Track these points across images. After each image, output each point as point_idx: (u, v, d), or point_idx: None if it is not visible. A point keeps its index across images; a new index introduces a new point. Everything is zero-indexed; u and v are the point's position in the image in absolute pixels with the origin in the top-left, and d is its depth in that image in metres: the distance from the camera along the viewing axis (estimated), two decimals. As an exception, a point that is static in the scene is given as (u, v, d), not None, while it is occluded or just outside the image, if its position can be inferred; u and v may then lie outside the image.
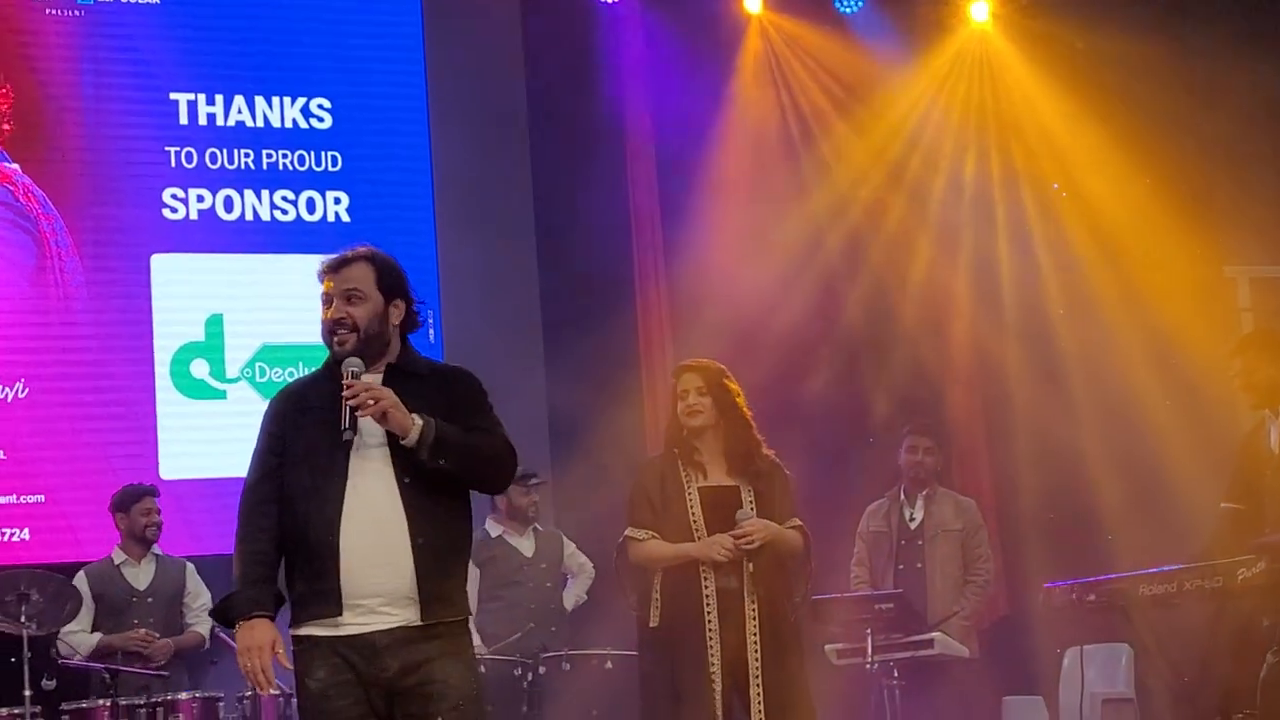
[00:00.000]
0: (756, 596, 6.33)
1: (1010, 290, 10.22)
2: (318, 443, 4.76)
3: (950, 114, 10.55)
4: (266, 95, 10.31)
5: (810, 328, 9.95)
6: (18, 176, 9.71)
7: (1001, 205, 10.36)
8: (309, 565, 4.73)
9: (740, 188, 10.23)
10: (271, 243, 10.15)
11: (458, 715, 4.69)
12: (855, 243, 10.36)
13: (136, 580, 8.54)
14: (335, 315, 4.82)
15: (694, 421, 6.49)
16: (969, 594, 8.21)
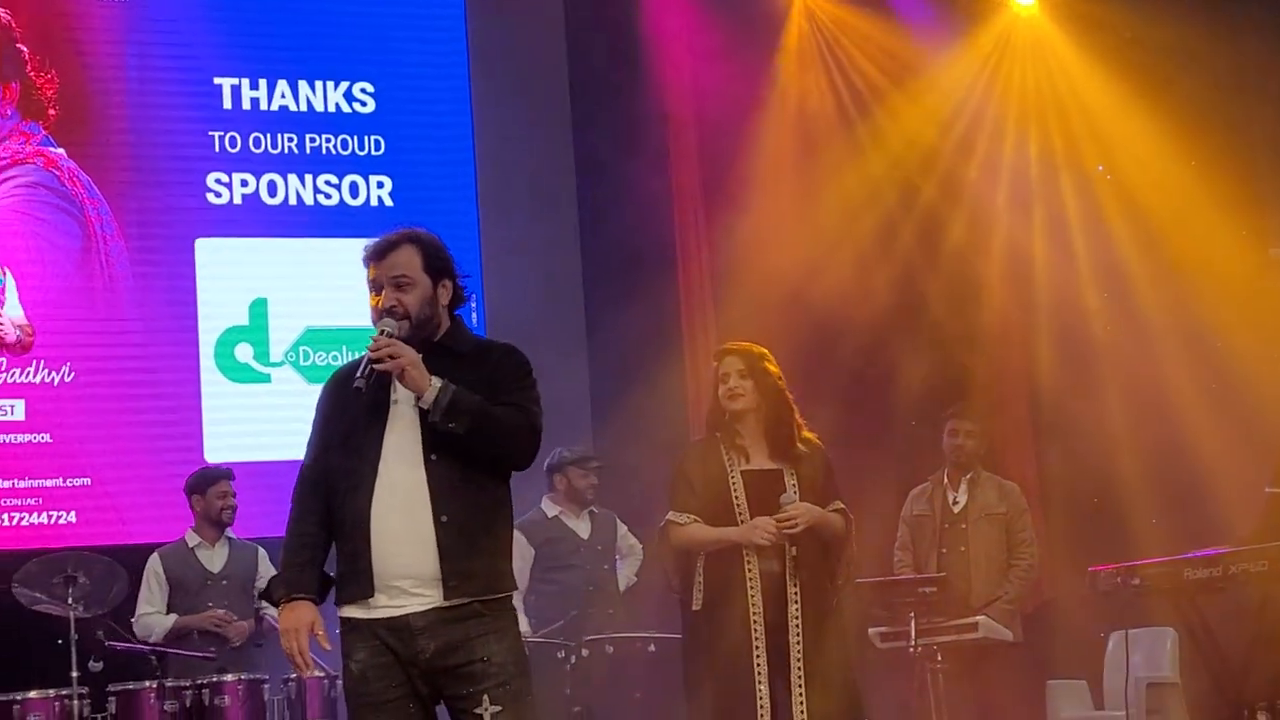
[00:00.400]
0: (799, 580, 6.33)
1: (1050, 274, 10.16)
2: (357, 424, 4.77)
3: (992, 96, 10.49)
4: (310, 79, 10.35)
5: (853, 308, 9.90)
6: (63, 161, 9.76)
7: (1041, 188, 10.30)
8: (345, 546, 4.75)
9: (782, 167, 10.20)
10: (315, 226, 10.19)
11: (504, 693, 4.66)
12: (897, 223, 10.32)
13: (210, 563, 8.56)
14: (386, 303, 4.79)
15: (735, 405, 6.49)
16: (1013, 578, 8.19)
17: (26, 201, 9.68)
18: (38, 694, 7.72)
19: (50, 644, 8.36)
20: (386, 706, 4.69)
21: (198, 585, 8.46)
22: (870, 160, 10.40)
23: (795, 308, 9.45)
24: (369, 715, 4.71)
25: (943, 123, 10.47)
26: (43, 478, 9.51)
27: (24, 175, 9.68)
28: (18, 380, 9.51)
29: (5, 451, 9.46)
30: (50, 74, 9.78)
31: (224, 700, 7.92)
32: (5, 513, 9.42)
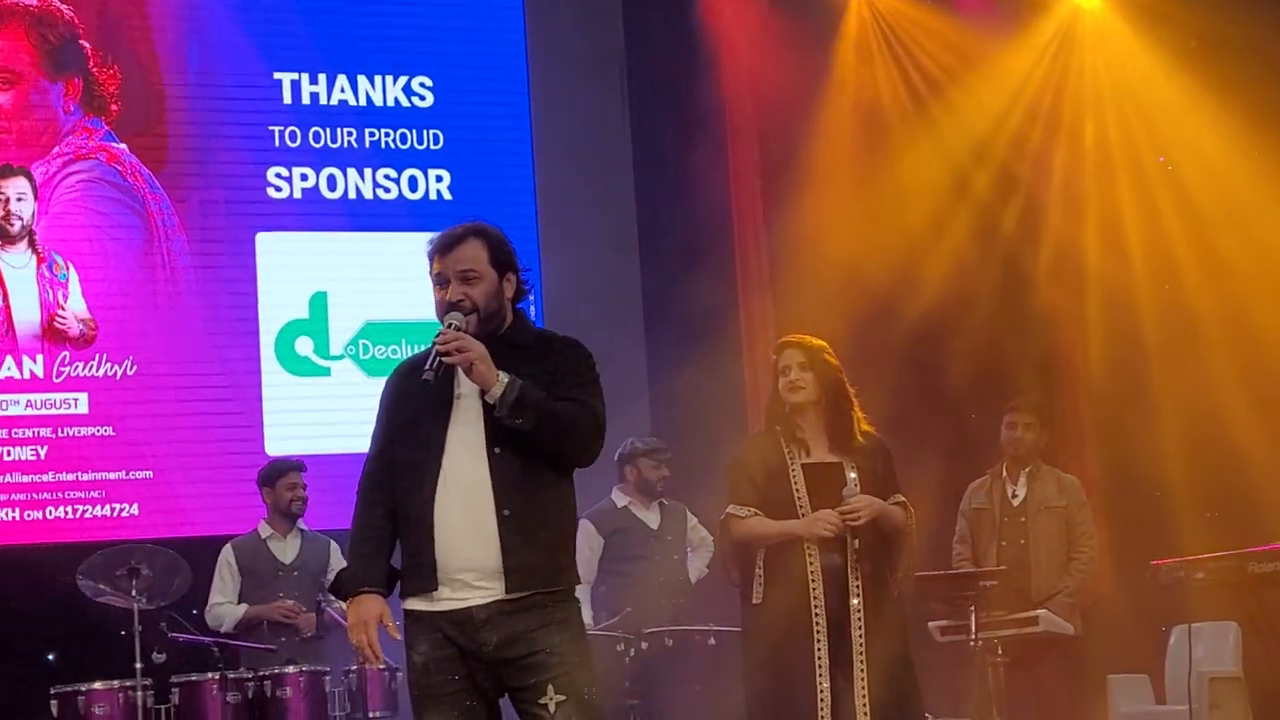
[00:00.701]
0: (860, 572, 6.32)
1: (1107, 272, 10.09)
2: (421, 418, 4.78)
3: (1051, 88, 10.43)
4: (369, 74, 10.39)
5: (911, 299, 9.87)
6: (125, 156, 9.83)
7: (1098, 182, 10.23)
8: (410, 540, 4.76)
9: (841, 158, 10.17)
10: (374, 221, 10.24)
11: (568, 683, 4.66)
12: (956, 214, 10.27)
13: (282, 554, 8.62)
14: (453, 297, 4.78)
15: (795, 398, 6.47)
16: (1073, 571, 8.14)
17: (89, 196, 9.76)
18: (102, 685, 7.78)
19: (114, 635, 8.44)
20: (447, 699, 4.71)
21: (269, 576, 8.52)
22: (929, 151, 10.35)
23: (854, 299, 9.42)
24: (430, 707, 4.72)
25: (1002, 114, 10.41)
26: (105, 470, 9.59)
27: (87, 170, 9.76)
28: (81, 374, 9.58)
29: (69, 445, 9.53)
30: (112, 70, 9.85)
31: (285, 692, 7.97)
32: (69, 505, 9.50)
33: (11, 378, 9.49)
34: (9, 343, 9.49)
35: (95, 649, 8.68)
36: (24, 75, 9.72)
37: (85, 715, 7.72)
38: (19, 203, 9.56)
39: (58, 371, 9.56)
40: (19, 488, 9.45)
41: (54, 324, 9.56)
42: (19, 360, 9.50)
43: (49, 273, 9.58)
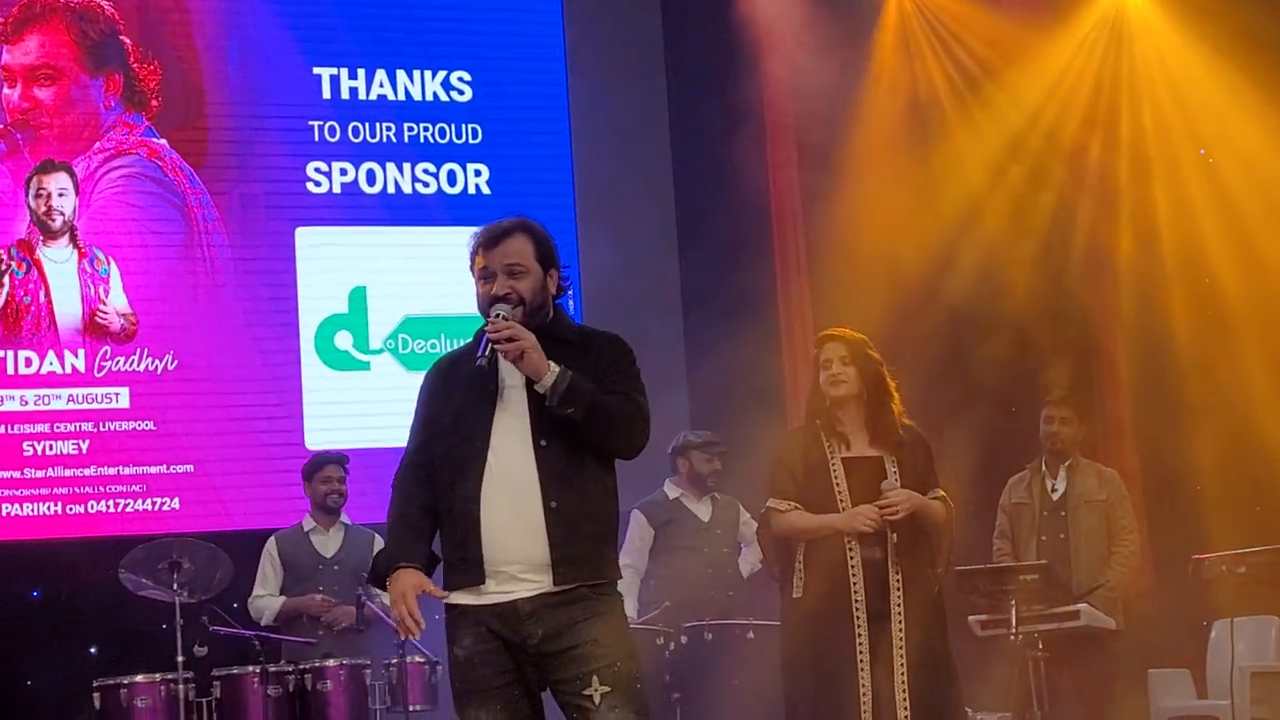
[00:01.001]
0: (900, 567, 6.31)
1: (1144, 266, 10.03)
2: (464, 412, 4.76)
3: (1090, 80, 10.37)
4: (407, 69, 10.42)
5: (950, 294, 9.85)
6: (165, 152, 9.88)
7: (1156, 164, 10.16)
8: (454, 533, 4.74)
9: (878, 153, 10.14)
10: (413, 215, 10.27)
11: (613, 674, 4.64)
12: (996, 208, 10.23)
13: (324, 548, 8.63)
14: (499, 291, 4.76)
15: (837, 391, 6.46)
16: (1114, 565, 8.11)
17: (130, 192, 9.81)
18: (144, 678, 7.81)
19: (155, 629, 8.48)
20: (492, 693, 4.69)
21: (310, 569, 8.54)
22: (968, 143, 10.32)
23: (892, 292, 9.41)
24: (474, 701, 4.70)
25: (1041, 107, 10.37)
26: (146, 465, 9.64)
27: (127, 166, 9.80)
28: (122, 369, 9.63)
29: (110, 439, 9.58)
30: (153, 65, 9.90)
31: (326, 685, 8.00)
32: (110, 499, 9.55)
33: (54, 372, 9.54)
34: (51, 337, 9.54)
35: (137, 642, 8.74)
36: (65, 71, 9.77)
37: (127, 708, 7.76)
38: (60, 198, 9.61)
39: (99, 366, 9.61)
40: (61, 482, 9.50)
41: (95, 319, 9.61)
42: (61, 355, 9.55)
43: (90, 268, 9.63)
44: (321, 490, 8.61)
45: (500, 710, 4.69)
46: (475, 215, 10.14)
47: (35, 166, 9.61)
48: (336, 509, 8.65)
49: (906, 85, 10.46)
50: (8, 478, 9.42)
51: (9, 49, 9.67)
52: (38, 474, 9.48)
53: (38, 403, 9.51)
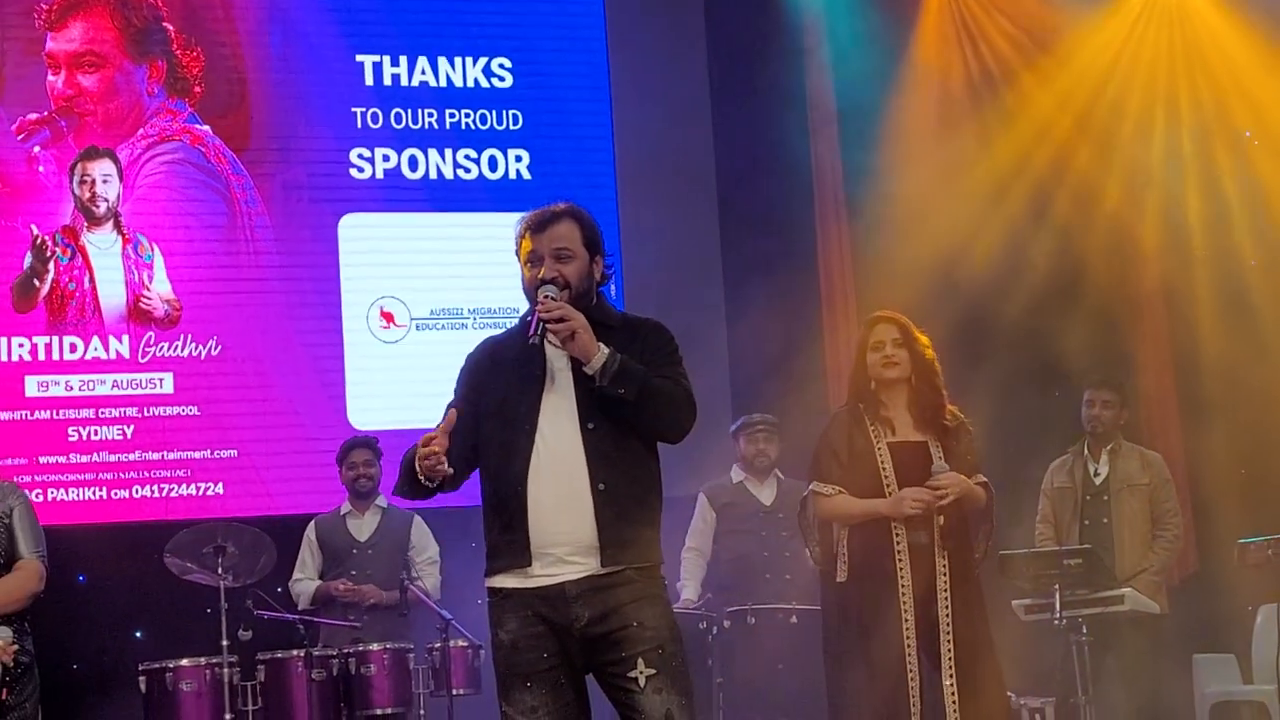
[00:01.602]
0: (946, 551, 6.29)
1: (1201, 241, 9.98)
2: (510, 395, 4.76)
3: (1139, 61, 10.31)
4: (449, 56, 10.43)
5: (995, 278, 9.82)
6: (209, 138, 9.91)
7: (1191, 154, 10.10)
8: (500, 516, 4.74)
9: (923, 137, 10.11)
10: (455, 201, 10.28)
11: (658, 657, 4.65)
12: (1041, 191, 10.19)
13: (358, 532, 8.67)
14: (548, 274, 4.78)
15: (890, 373, 6.43)
16: (1158, 549, 8.07)
17: (173, 178, 9.84)
18: (189, 662, 7.86)
19: (200, 613, 8.52)
20: (537, 676, 4.68)
21: (345, 553, 8.59)
22: (1010, 121, 10.27)
23: (938, 276, 9.38)
24: (518, 685, 4.69)
25: (1072, 89, 10.31)
26: (191, 450, 9.68)
27: (171, 152, 9.84)
28: (166, 354, 9.67)
29: (154, 424, 9.63)
30: (195, 52, 9.93)
31: (370, 669, 8.03)
32: (155, 484, 9.59)
33: (98, 358, 9.59)
34: (95, 323, 9.59)
35: (182, 626, 8.77)
36: (109, 58, 9.81)
37: (173, 691, 7.80)
38: (105, 184, 9.65)
39: (143, 352, 9.66)
40: (106, 467, 9.56)
41: (139, 305, 9.66)
42: (105, 341, 9.60)
43: (134, 254, 9.67)
44: (349, 475, 8.65)
45: (546, 694, 4.68)
46: (516, 201, 10.17)
47: (79, 153, 9.66)
48: (367, 493, 8.66)
49: (951, 67, 10.41)
50: (53, 463, 9.48)
51: (53, 36, 9.72)
52: (83, 459, 9.53)
53: (83, 388, 9.56)
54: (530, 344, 4.67)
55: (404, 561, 8.51)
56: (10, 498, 6.12)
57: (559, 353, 4.75)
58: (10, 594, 5.99)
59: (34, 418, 9.49)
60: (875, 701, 6.22)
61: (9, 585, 6.00)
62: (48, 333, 9.53)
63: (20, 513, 6.11)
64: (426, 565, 8.61)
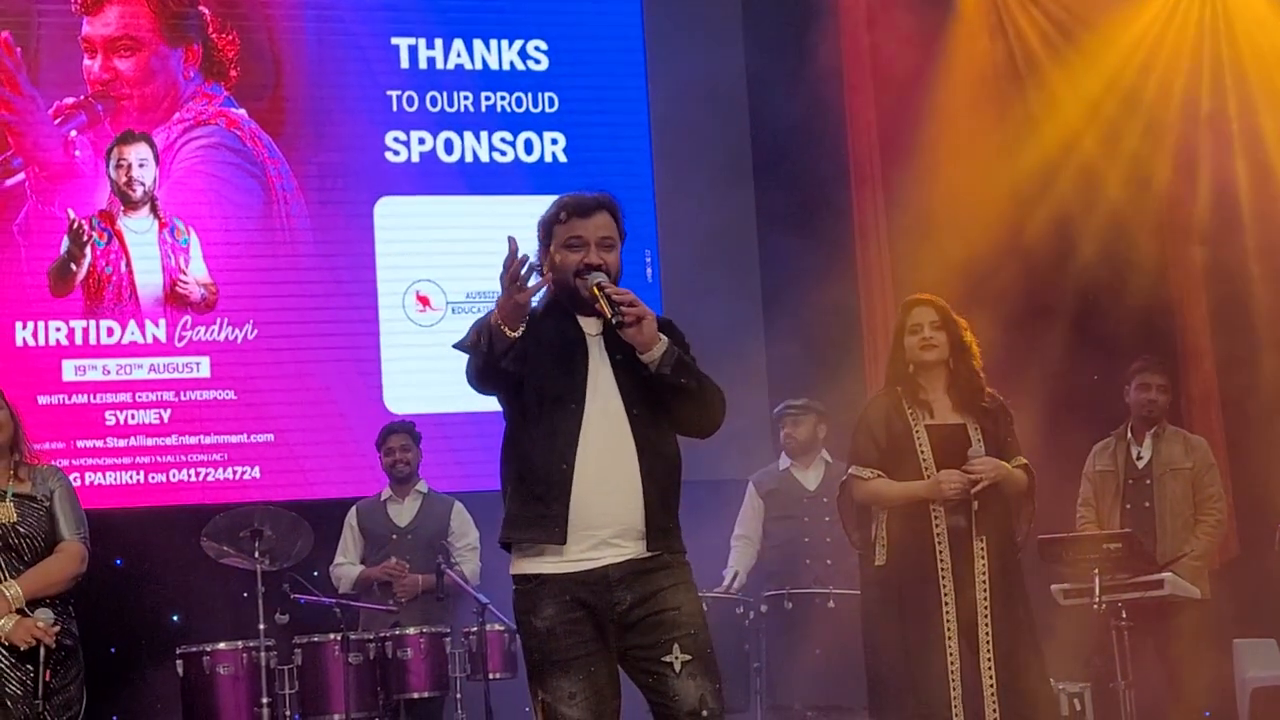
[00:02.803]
0: (985, 535, 6.26)
1: (1248, 224, 9.89)
2: (553, 372, 4.76)
3: (1184, 39, 10.21)
4: (485, 38, 10.41)
5: (1034, 263, 9.77)
6: (244, 122, 9.91)
7: (1238, 134, 10.01)
8: (533, 488, 4.74)
9: (964, 120, 10.04)
10: (490, 184, 10.25)
11: (694, 643, 4.68)
12: (1083, 176, 10.12)
13: (398, 517, 8.68)
14: (594, 261, 4.81)
15: (928, 356, 6.41)
16: (1201, 534, 8.01)
17: (210, 162, 9.85)
18: (226, 645, 7.88)
19: (237, 597, 8.53)
20: (574, 663, 4.68)
21: (385, 539, 8.59)
22: (1049, 101, 10.20)
23: (977, 263, 9.32)
24: (555, 671, 4.69)
25: (1120, 68, 10.23)
26: (228, 434, 9.69)
27: (207, 136, 9.84)
28: (202, 338, 9.68)
29: (191, 408, 9.64)
30: (231, 36, 9.93)
31: (406, 653, 8.04)
32: (192, 468, 9.61)
33: (135, 342, 9.61)
34: (132, 307, 9.60)
35: (219, 610, 8.79)
36: (145, 42, 9.82)
37: (210, 675, 7.83)
38: (141, 168, 9.65)
39: (180, 336, 9.67)
40: (143, 451, 9.57)
41: (176, 288, 9.67)
42: (142, 325, 9.62)
43: (171, 238, 9.68)
44: (386, 461, 8.67)
45: (582, 680, 4.68)
46: (552, 183, 10.15)
47: (116, 137, 9.66)
48: (405, 478, 8.67)
49: (991, 43, 10.34)
50: (90, 447, 9.50)
51: (89, 20, 9.72)
52: (120, 443, 9.55)
53: (119, 372, 9.58)
54: (614, 321, 4.67)
55: (442, 546, 8.52)
56: (51, 480, 6.15)
57: (596, 338, 4.80)
58: (52, 576, 6.01)
59: (71, 402, 9.51)
60: (914, 686, 6.20)
61: (51, 568, 6.02)
62: (85, 317, 9.55)
63: (61, 494, 6.13)
64: (466, 551, 8.61)
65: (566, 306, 4.87)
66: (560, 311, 4.87)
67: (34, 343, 9.49)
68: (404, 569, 8.43)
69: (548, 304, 4.92)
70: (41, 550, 6.03)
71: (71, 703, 5.95)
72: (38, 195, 9.56)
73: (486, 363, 4.69)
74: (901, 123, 10.14)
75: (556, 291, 4.89)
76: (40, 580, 5.96)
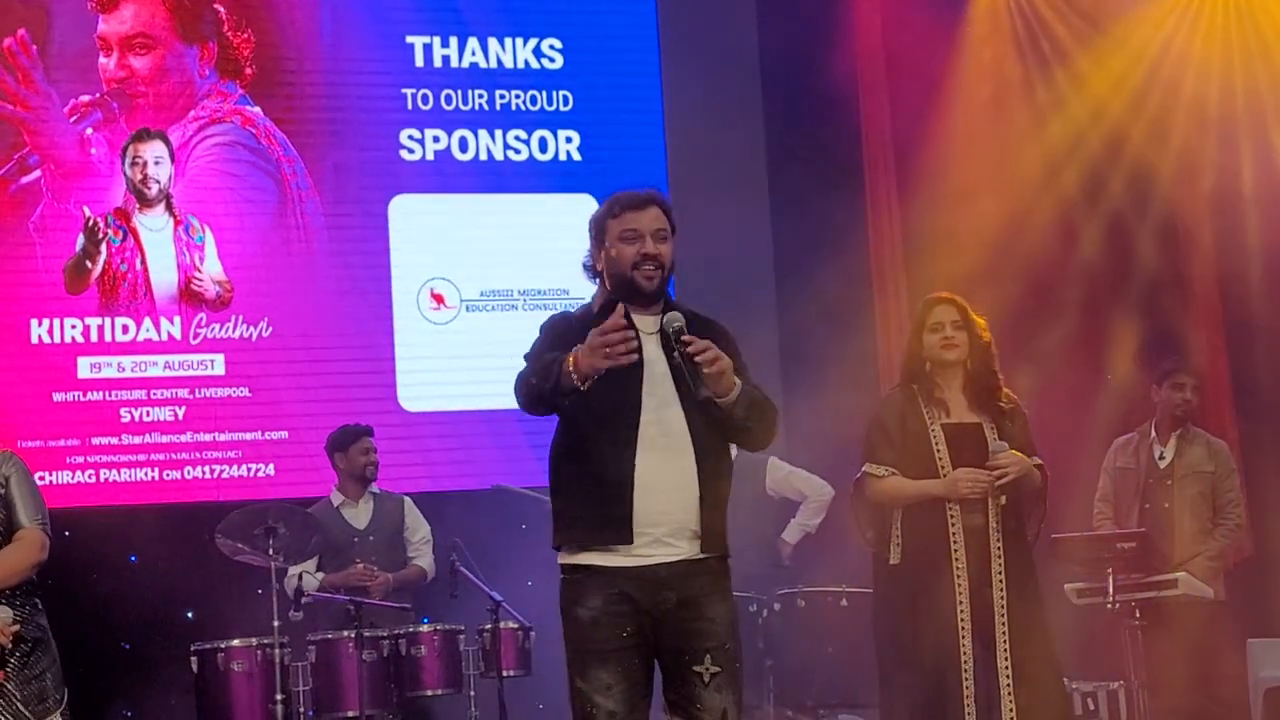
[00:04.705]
0: (1003, 534, 6.24)
1: (1256, 222, 9.88)
2: (608, 374, 4.75)
3: (1194, 42, 10.19)
4: (499, 36, 10.41)
5: (1047, 259, 9.75)
6: (260, 120, 9.92)
7: (1246, 135, 10.00)
8: (595, 490, 4.81)
9: (975, 117, 10.04)
10: (505, 182, 10.26)
11: (724, 654, 4.81)
12: (1095, 173, 10.11)
13: (356, 520, 8.67)
14: (650, 251, 4.92)
15: (949, 355, 6.39)
16: (1218, 536, 8.01)
17: (225, 160, 9.86)
18: (240, 642, 7.89)
19: (251, 594, 8.54)
20: (613, 655, 4.77)
21: (345, 543, 8.55)
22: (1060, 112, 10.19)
23: (990, 259, 9.31)
24: (594, 662, 4.78)
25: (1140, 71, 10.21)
26: (242, 431, 9.70)
27: (222, 134, 9.86)
28: (217, 335, 9.70)
29: (206, 406, 9.65)
30: (246, 34, 9.94)
31: (420, 650, 8.05)
32: (206, 465, 9.62)
33: (150, 339, 9.62)
34: (147, 304, 9.62)
35: (233, 607, 8.80)
36: (160, 40, 9.83)
37: (224, 671, 7.83)
38: (156, 166, 9.66)
39: (194, 333, 9.68)
40: (157, 448, 9.58)
41: (191, 286, 9.68)
42: (157, 322, 9.63)
43: (186, 235, 9.70)
44: (361, 461, 8.65)
45: (620, 672, 4.77)
46: (567, 182, 10.18)
47: (131, 135, 9.67)
48: (372, 479, 8.69)
49: (1003, 41, 10.32)
50: (105, 444, 9.51)
51: (105, 18, 9.74)
52: (134, 440, 9.56)
53: (134, 369, 9.59)
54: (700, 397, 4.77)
55: (401, 543, 8.56)
56: (5, 466, 5.71)
57: (652, 336, 4.89)
58: (11, 567, 5.59)
59: (86, 399, 9.53)
60: (927, 685, 6.19)
61: (10, 558, 5.60)
62: (100, 314, 9.56)
63: (17, 480, 5.70)
64: (421, 545, 8.71)
65: (622, 301, 4.92)
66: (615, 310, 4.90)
67: (49, 340, 9.51)
68: (372, 573, 8.42)
69: (604, 303, 4.98)
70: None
71: (46, 694, 5.59)
72: (53, 193, 9.57)
73: (544, 399, 4.79)
74: (916, 119, 10.12)
75: (612, 286, 4.98)
76: None
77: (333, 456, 8.74)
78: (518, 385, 4.85)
